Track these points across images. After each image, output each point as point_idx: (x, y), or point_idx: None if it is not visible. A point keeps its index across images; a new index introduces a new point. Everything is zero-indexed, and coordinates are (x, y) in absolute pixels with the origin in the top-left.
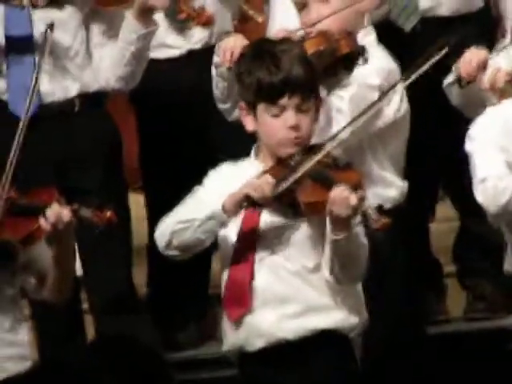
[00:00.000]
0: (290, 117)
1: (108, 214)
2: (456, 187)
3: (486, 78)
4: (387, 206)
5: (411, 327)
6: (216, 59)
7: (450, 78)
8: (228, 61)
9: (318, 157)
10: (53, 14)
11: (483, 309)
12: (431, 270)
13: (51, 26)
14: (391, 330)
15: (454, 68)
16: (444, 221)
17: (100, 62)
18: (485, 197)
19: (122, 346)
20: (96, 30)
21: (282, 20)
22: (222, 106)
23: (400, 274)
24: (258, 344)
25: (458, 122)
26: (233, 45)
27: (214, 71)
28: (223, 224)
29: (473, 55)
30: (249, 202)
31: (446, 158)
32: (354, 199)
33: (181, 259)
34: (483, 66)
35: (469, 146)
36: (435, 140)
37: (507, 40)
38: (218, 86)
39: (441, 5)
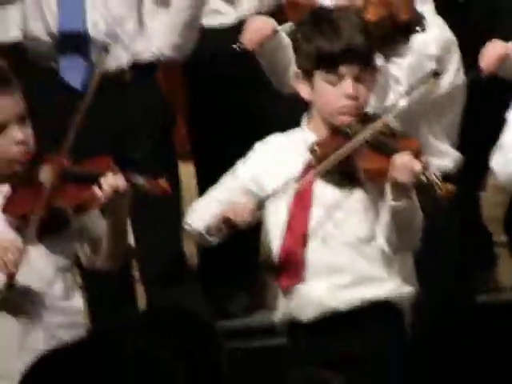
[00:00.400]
0: (348, 86)
1: (162, 182)
2: None
3: None
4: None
5: (462, 297)
6: (245, 39)
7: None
8: (249, 45)
9: (377, 124)
10: None
11: None
12: (482, 239)
13: (106, 49)
14: (442, 299)
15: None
16: (495, 190)
17: (152, 30)
18: (496, 164)
19: (173, 316)
20: None
21: None
22: (271, 79)
23: (453, 244)
24: (308, 314)
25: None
26: (255, 28)
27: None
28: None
29: (493, 47)
30: (228, 226)
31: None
32: (417, 165)
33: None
34: (503, 60)
35: (508, 114)
36: (490, 109)
37: None
38: (262, 62)
39: None
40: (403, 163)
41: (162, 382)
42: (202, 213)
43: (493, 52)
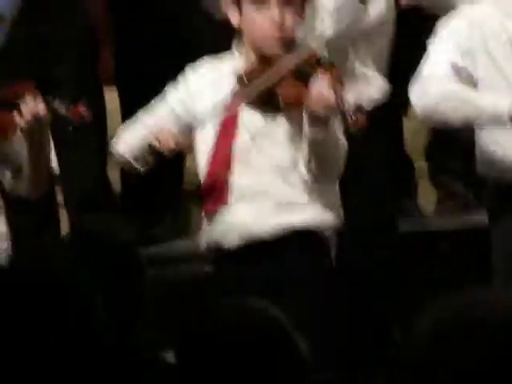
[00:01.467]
0: (275, 13)
1: (81, 109)
2: None
3: None
4: (368, 103)
5: (386, 224)
6: None
7: None
8: None
9: (303, 53)
10: None
11: (454, 206)
12: (404, 166)
13: None
14: (366, 227)
15: None
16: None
17: None
18: (414, 95)
19: (96, 240)
20: None
21: None
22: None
23: (377, 171)
24: (233, 239)
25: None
26: None
27: None
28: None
29: None
30: (151, 151)
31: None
32: (332, 97)
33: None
34: None
35: (429, 42)
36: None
37: None
38: None
39: None
40: (318, 93)
41: (81, 304)
42: (129, 138)
43: None
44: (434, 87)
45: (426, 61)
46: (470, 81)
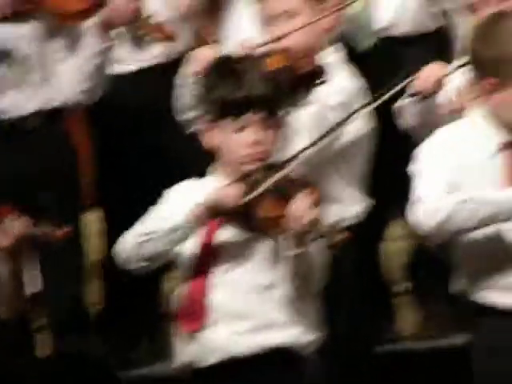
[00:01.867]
0: (252, 133)
1: (63, 230)
2: None
3: (445, 97)
4: (349, 222)
5: (363, 346)
6: (191, 68)
7: (403, 99)
8: (199, 71)
9: (280, 174)
10: (16, 27)
11: (433, 328)
12: (382, 288)
13: None
14: (344, 347)
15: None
16: (395, 240)
17: (61, 77)
18: (416, 216)
19: (74, 364)
20: (57, 45)
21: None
22: (186, 116)
23: (355, 292)
24: (210, 360)
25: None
26: (204, 56)
27: (181, 81)
28: (188, 235)
29: (431, 70)
30: (214, 212)
31: (401, 178)
32: (310, 216)
33: (144, 271)
34: (441, 83)
35: (412, 166)
36: (390, 159)
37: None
38: (190, 94)
39: (397, 25)
40: (296, 213)
41: None
42: (152, 232)
43: (431, 74)
44: (439, 202)
45: (416, 183)
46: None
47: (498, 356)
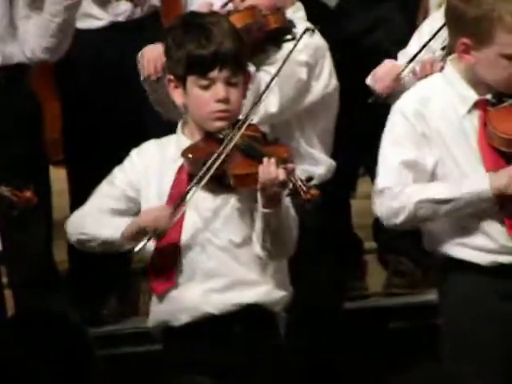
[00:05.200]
0: (219, 89)
1: (27, 194)
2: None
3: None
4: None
5: (331, 302)
6: (142, 75)
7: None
8: (153, 73)
9: (246, 128)
10: None
11: (402, 284)
12: (352, 246)
13: None
14: (313, 304)
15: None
16: (365, 198)
17: (25, 34)
18: (380, 211)
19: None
20: (21, 1)
21: None
22: (157, 108)
23: (323, 249)
24: (182, 319)
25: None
26: (154, 55)
27: (143, 84)
28: (123, 247)
29: (385, 71)
30: (145, 234)
31: (368, 136)
32: (282, 173)
33: None
34: (397, 79)
35: (383, 141)
36: (357, 117)
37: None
38: (152, 95)
39: None
40: (268, 171)
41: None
42: (97, 222)
43: (386, 75)
44: (399, 198)
45: (379, 171)
46: (425, 170)
47: (467, 311)
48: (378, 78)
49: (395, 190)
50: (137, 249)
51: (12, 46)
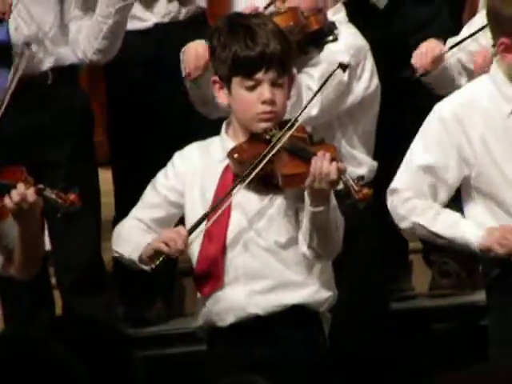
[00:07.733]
0: (265, 91)
1: (72, 197)
2: None
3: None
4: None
5: (377, 303)
6: (183, 73)
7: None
8: (194, 71)
9: (294, 130)
10: None
11: (448, 285)
12: (397, 246)
13: (28, 44)
14: (358, 305)
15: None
16: None
17: (77, 35)
18: (390, 210)
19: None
20: (73, 3)
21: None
22: (201, 110)
23: (370, 250)
24: (228, 319)
25: (425, 98)
26: (195, 54)
27: (184, 81)
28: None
29: (428, 48)
30: (160, 256)
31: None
32: (334, 171)
33: None
34: (438, 60)
35: (415, 138)
36: (401, 117)
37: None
38: (195, 94)
39: None
40: (319, 169)
41: None
42: (128, 239)
43: (428, 52)
44: (403, 210)
45: (402, 164)
46: (444, 181)
47: None
48: (420, 52)
49: (404, 195)
50: (147, 268)
51: (64, 47)
